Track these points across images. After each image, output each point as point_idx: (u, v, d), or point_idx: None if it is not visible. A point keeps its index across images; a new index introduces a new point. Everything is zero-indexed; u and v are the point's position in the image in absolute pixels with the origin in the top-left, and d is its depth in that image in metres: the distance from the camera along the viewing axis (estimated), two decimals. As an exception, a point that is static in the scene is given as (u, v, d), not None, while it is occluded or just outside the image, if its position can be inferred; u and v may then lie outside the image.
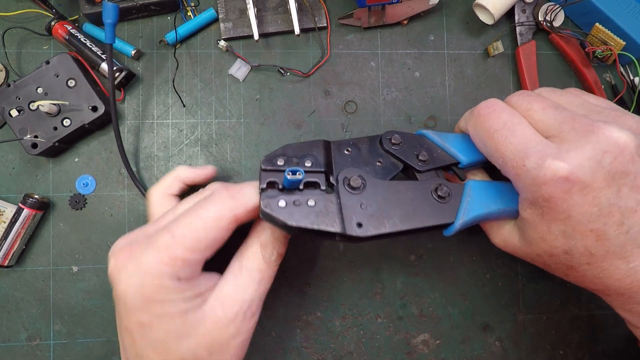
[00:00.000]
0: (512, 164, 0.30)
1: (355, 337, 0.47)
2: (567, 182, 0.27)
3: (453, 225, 0.32)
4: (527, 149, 0.29)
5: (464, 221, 0.32)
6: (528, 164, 0.28)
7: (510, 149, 0.30)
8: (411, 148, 0.34)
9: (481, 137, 0.33)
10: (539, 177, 0.28)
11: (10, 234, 0.42)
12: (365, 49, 0.48)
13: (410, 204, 0.31)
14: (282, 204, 0.29)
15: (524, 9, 0.48)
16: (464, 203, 0.32)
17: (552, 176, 0.27)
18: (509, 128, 0.30)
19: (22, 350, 0.44)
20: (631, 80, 0.49)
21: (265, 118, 0.47)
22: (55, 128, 0.42)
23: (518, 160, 0.29)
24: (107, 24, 0.39)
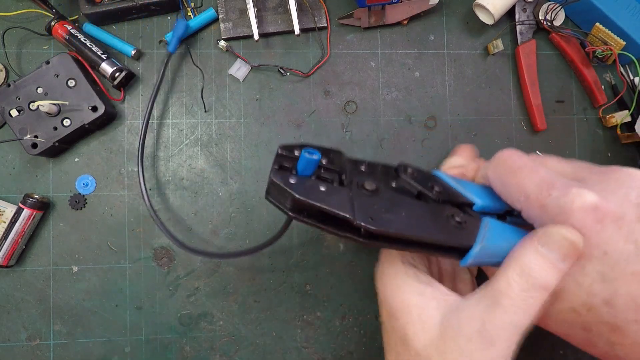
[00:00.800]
0: (536, 196, 0.28)
1: (356, 337, 0.47)
2: (597, 210, 0.25)
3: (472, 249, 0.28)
4: (552, 182, 0.28)
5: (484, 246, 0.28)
6: (554, 193, 0.27)
7: (534, 182, 0.28)
8: (425, 180, 0.33)
9: (502, 176, 0.31)
10: (566, 205, 0.26)
11: (11, 234, 0.42)
12: (365, 49, 0.48)
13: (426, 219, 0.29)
14: (293, 180, 0.27)
15: (525, 8, 0.48)
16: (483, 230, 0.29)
17: (581, 204, 0.25)
18: (532, 167, 0.29)
19: (22, 350, 0.44)
20: (631, 80, 0.49)
21: (265, 118, 0.47)
22: (55, 128, 0.42)
23: (543, 191, 0.27)
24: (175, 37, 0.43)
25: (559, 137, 0.50)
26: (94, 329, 0.44)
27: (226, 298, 0.46)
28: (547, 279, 0.26)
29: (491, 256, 0.29)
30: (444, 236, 0.28)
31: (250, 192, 0.46)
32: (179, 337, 0.45)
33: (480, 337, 0.27)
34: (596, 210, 0.25)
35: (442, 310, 0.29)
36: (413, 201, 0.30)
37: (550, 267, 0.26)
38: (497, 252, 0.29)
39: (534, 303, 0.26)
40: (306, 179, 0.28)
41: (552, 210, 0.27)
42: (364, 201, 0.28)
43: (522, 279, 0.26)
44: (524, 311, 0.26)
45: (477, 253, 0.28)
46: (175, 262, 0.45)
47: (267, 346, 0.46)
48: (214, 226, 0.46)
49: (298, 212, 0.27)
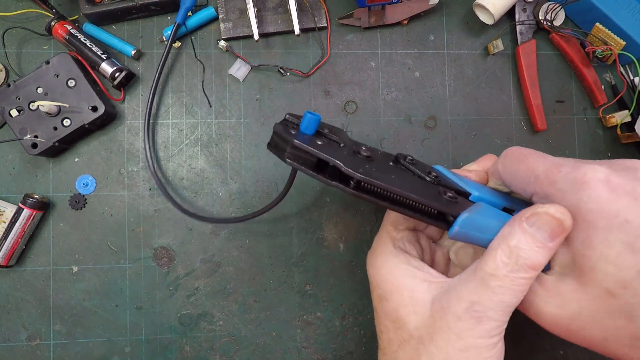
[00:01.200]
0: (546, 174, 0.27)
1: (356, 337, 0.47)
2: (609, 183, 0.25)
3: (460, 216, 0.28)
4: (561, 162, 0.28)
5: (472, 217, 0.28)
6: (564, 169, 0.27)
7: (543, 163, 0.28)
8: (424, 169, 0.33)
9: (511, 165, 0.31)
10: (577, 178, 0.25)
11: (11, 234, 0.42)
12: (365, 49, 0.48)
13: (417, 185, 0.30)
14: (294, 132, 0.29)
15: (525, 8, 0.48)
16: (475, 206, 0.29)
17: (592, 176, 0.25)
18: (539, 154, 0.30)
19: (22, 350, 0.44)
20: (631, 80, 0.49)
21: (265, 118, 0.47)
22: (55, 128, 0.42)
23: (553, 169, 0.27)
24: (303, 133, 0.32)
25: (559, 137, 0.50)
26: (94, 329, 0.44)
27: (226, 298, 0.46)
28: (536, 259, 0.26)
29: (479, 230, 0.28)
30: (433, 201, 0.28)
31: (250, 192, 0.46)
32: (179, 337, 0.45)
33: (469, 316, 0.27)
34: (608, 183, 0.25)
35: (432, 292, 0.29)
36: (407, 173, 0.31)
37: (538, 247, 0.26)
38: (486, 226, 0.28)
39: (522, 283, 0.26)
40: (306, 135, 0.29)
41: (563, 185, 0.26)
42: (357, 159, 0.29)
43: (510, 260, 0.26)
44: (512, 292, 0.26)
45: (464, 221, 0.28)
46: (175, 262, 0.45)
47: (267, 346, 0.46)
48: (213, 226, 0.46)
49: (294, 158, 0.28)
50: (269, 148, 0.31)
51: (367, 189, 0.28)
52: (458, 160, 0.48)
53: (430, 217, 0.29)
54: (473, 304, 0.27)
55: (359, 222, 0.47)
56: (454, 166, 0.48)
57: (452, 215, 0.29)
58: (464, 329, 0.27)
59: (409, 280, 0.30)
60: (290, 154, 0.28)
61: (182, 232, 0.46)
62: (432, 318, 0.29)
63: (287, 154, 0.28)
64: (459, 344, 0.27)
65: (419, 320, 0.29)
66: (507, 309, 0.27)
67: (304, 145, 0.28)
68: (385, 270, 0.32)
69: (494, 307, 0.27)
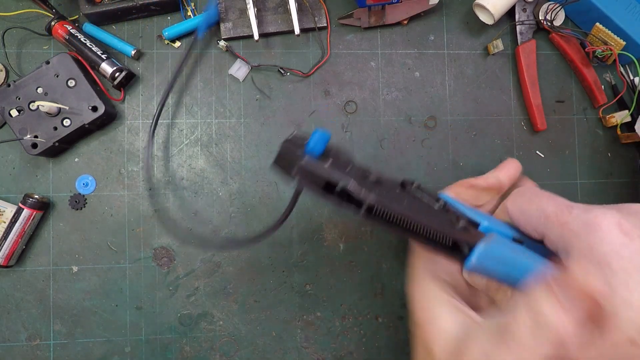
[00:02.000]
0: (557, 215, 0.27)
1: (356, 337, 0.47)
2: (621, 226, 0.24)
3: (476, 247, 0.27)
4: (572, 204, 0.27)
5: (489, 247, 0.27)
6: (575, 211, 0.26)
7: (554, 203, 0.28)
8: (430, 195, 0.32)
9: (522, 204, 0.31)
10: (589, 220, 0.25)
11: (11, 234, 0.42)
12: (365, 49, 0.48)
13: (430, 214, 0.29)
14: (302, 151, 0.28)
15: (525, 8, 0.48)
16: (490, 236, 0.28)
17: (603, 219, 0.24)
18: (550, 194, 0.29)
19: (22, 350, 0.44)
20: (631, 80, 0.49)
21: (265, 118, 0.47)
22: (55, 128, 0.42)
23: (564, 210, 0.27)
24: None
25: (559, 137, 0.50)
26: (94, 329, 0.44)
27: (226, 298, 0.46)
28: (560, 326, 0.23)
29: (498, 263, 0.27)
30: (447, 230, 0.27)
31: (250, 192, 0.46)
32: (179, 337, 0.45)
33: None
34: (621, 225, 0.24)
35: (459, 327, 0.29)
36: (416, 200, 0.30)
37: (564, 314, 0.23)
38: (504, 260, 0.27)
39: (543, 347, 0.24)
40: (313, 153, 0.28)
41: (574, 227, 0.25)
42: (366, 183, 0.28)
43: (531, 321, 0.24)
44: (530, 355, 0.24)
45: (482, 253, 0.27)
46: (175, 262, 0.45)
47: (267, 346, 0.46)
48: (214, 226, 0.46)
49: (302, 178, 0.27)
50: (273, 166, 0.29)
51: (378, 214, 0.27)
52: (458, 160, 0.48)
53: (443, 247, 0.28)
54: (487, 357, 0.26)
55: (359, 222, 0.47)
56: (453, 166, 0.48)
57: (467, 245, 0.27)
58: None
59: (442, 312, 0.30)
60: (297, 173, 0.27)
61: (182, 232, 0.46)
62: (454, 355, 0.28)
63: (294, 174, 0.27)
64: None
65: (445, 353, 0.29)
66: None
67: (313, 166, 0.27)
68: (420, 297, 0.32)
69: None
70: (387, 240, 0.47)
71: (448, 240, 0.27)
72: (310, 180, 0.27)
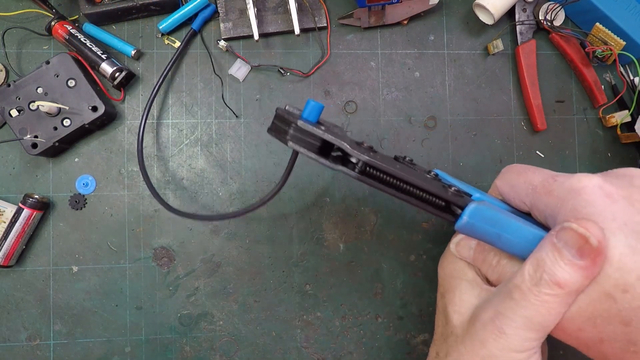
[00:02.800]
0: (543, 184, 0.28)
1: (355, 337, 0.47)
2: (603, 189, 0.25)
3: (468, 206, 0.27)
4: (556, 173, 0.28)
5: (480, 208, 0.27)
6: (559, 179, 0.27)
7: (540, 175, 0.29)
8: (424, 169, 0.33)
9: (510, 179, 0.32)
10: (573, 185, 0.26)
11: (11, 234, 0.42)
12: (365, 49, 0.48)
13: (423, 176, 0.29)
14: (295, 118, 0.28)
15: (525, 8, 0.48)
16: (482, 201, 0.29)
17: (587, 182, 0.25)
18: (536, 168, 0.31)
19: (22, 350, 0.44)
20: (631, 80, 0.49)
21: (265, 118, 0.47)
22: (55, 128, 0.42)
23: (549, 179, 0.28)
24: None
25: (559, 137, 0.50)
26: (94, 329, 0.44)
27: (226, 298, 0.46)
28: (561, 276, 0.24)
29: (489, 222, 0.28)
30: (440, 191, 0.28)
31: (250, 192, 0.46)
32: (179, 337, 0.45)
33: (492, 326, 0.27)
34: (603, 188, 0.25)
35: (479, 297, 0.30)
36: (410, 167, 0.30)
37: (565, 264, 0.25)
38: (496, 219, 0.28)
39: (547, 300, 0.25)
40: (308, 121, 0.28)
41: (560, 193, 0.26)
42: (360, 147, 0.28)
43: (535, 274, 0.25)
44: (535, 307, 0.25)
45: (473, 210, 0.27)
46: (175, 262, 0.45)
47: (267, 346, 0.46)
48: (214, 226, 0.46)
49: (297, 141, 0.27)
50: (269, 132, 0.30)
51: (371, 175, 0.27)
52: (458, 160, 0.48)
53: (435, 207, 0.28)
54: (497, 314, 0.27)
55: (359, 222, 0.47)
56: (453, 166, 0.48)
57: (459, 206, 0.28)
58: (487, 338, 0.27)
59: (464, 283, 0.32)
60: (293, 136, 0.27)
61: (182, 232, 0.46)
62: (469, 322, 0.30)
63: (289, 135, 0.27)
64: (482, 352, 0.28)
65: (460, 319, 0.31)
66: (532, 325, 0.26)
67: (309, 126, 0.27)
68: (448, 271, 0.34)
69: (517, 320, 0.26)
70: (387, 240, 0.47)
71: (441, 200, 0.28)
72: (306, 143, 0.27)
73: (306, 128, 0.27)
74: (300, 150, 0.27)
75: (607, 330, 0.25)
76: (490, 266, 0.31)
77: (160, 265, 0.45)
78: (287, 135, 0.28)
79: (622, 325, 0.24)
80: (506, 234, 0.27)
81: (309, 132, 0.27)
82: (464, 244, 0.33)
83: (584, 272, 0.24)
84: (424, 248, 0.47)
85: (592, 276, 0.24)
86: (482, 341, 0.28)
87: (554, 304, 0.25)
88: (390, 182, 0.28)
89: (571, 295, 0.25)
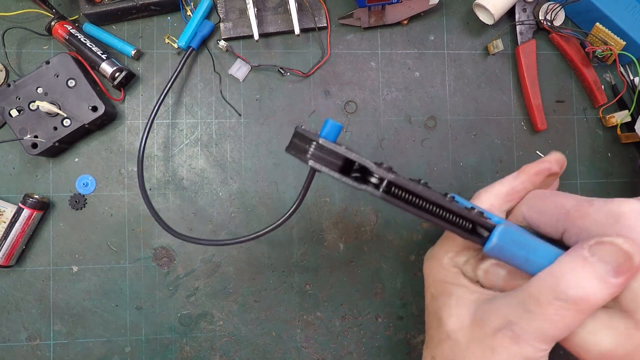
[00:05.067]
0: (578, 208, 0.27)
1: (355, 337, 0.47)
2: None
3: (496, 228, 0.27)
4: (590, 199, 0.27)
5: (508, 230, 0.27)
6: (596, 203, 0.26)
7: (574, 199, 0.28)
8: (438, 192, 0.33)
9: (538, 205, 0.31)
10: (613, 210, 0.25)
11: (11, 234, 0.42)
12: (365, 49, 0.48)
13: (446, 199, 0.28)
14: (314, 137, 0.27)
15: (525, 8, 0.48)
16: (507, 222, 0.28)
17: (627, 207, 0.24)
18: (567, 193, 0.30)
19: (22, 350, 0.44)
20: (631, 80, 0.49)
21: (265, 118, 0.47)
22: (55, 128, 0.42)
23: (584, 203, 0.27)
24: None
25: (559, 137, 0.50)
26: (94, 329, 0.44)
27: (226, 298, 0.46)
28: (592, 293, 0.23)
29: (518, 245, 0.27)
30: (464, 212, 0.27)
31: (250, 192, 0.46)
32: (179, 337, 0.45)
33: (504, 335, 0.26)
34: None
35: (477, 301, 0.29)
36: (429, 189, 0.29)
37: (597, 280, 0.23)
38: (525, 242, 0.27)
39: (567, 316, 0.24)
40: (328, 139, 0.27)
41: (598, 217, 0.25)
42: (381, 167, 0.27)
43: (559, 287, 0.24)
44: (553, 322, 0.24)
45: (502, 232, 0.26)
46: (175, 262, 0.45)
47: (267, 346, 0.46)
48: (214, 226, 0.46)
49: (318, 159, 0.26)
50: (287, 151, 0.28)
51: (395, 195, 0.26)
52: (458, 160, 0.48)
53: (462, 229, 0.27)
54: (510, 324, 0.26)
55: (359, 222, 0.47)
56: (453, 166, 0.48)
57: (486, 227, 0.27)
58: (498, 346, 0.27)
59: (460, 288, 0.31)
60: (313, 154, 0.26)
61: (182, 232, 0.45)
62: (472, 326, 0.29)
63: (310, 154, 0.26)
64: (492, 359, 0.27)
65: (459, 324, 0.30)
66: (546, 337, 0.25)
67: (331, 144, 0.26)
68: (440, 276, 0.33)
69: (531, 332, 0.25)
70: (387, 240, 0.47)
71: (467, 222, 0.27)
72: (327, 162, 0.26)
73: (328, 146, 0.26)
74: (322, 169, 0.26)
75: None
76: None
77: (160, 265, 0.45)
78: (307, 154, 0.26)
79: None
80: (534, 257, 0.27)
81: (330, 149, 0.26)
82: (493, 272, 0.31)
83: (615, 290, 0.24)
84: (424, 248, 0.47)
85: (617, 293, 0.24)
86: (493, 349, 0.27)
87: (572, 318, 0.24)
88: (414, 203, 0.27)
89: (592, 310, 0.24)
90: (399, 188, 0.26)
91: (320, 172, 0.27)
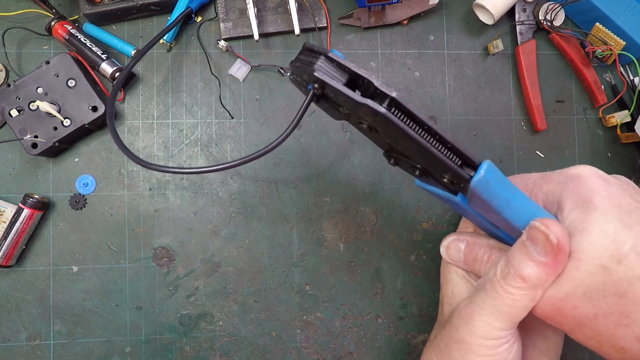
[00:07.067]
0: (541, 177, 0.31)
1: (355, 338, 0.47)
2: (599, 174, 0.28)
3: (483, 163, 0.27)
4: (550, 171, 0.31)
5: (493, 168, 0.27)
6: (556, 171, 0.30)
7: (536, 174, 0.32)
8: None
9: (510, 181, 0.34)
10: (571, 171, 0.29)
11: (11, 234, 0.42)
12: (365, 49, 0.48)
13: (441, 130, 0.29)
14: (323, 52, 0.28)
15: (525, 8, 0.48)
16: None
17: (584, 169, 0.28)
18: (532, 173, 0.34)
19: (22, 350, 0.44)
20: (631, 80, 0.49)
21: (265, 118, 0.47)
22: (55, 128, 0.42)
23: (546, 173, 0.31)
24: None
25: (559, 137, 0.50)
26: (94, 329, 0.44)
27: (226, 298, 0.46)
28: (525, 271, 0.27)
29: (501, 184, 0.28)
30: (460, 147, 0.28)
31: (250, 192, 0.46)
32: (179, 337, 0.45)
33: (464, 313, 0.31)
34: (598, 174, 0.28)
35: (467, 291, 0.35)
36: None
37: (530, 260, 0.27)
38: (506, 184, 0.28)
39: (513, 292, 0.27)
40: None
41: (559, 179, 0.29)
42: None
43: (505, 268, 0.28)
44: (502, 298, 0.28)
45: (489, 167, 0.27)
46: (175, 262, 0.45)
47: (267, 346, 0.46)
48: (213, 226, 0.46)
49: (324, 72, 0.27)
50: (291, 65, 0.29)
51: (398, 111, 0.27)
52: (458, 160, 0.48)
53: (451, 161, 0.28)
54: (470, 303, 0.30)
55: (359, 222, 0.47)
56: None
57: (473, 163, 0.28)
58: (459, 324, 0.31)
59: (455, 277, 0.36)
60: (320, 66, 0.27)
61: (182, 232, 0.46)
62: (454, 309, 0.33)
63: (317, 65, 0.27)
64: (455, 336, 0.31)
65: (449, 310, 0.35)
66: (499, 314, 0.28)
67: (339, 58, 0.27)
68: (443, 264, 0.37)
69: (485, 309, 0.29)
70: (387, 240, 0.47)
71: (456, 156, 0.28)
72: (333, 74, 0.27)
73: (337, 59, 0.27)
74: (327, 80, 0.27)
75: (601, 304, 0.26)
76: (481, 263, 0.33)
77: (160, 265, 0.45)
78: (314, 65, 0.28)
79: (616, 297, 0.25)
80: (515, 200, 0.28)
81: (339, 63, 0.27)
82: (454, 247, 0.35)
83: (546, 268, 0.26)
84: (424, 248, 0.47)
85: (554, 272, 0.27)
86: (456, 327, 0.31)
87: (519, 296, 0.27)
88: (413, 125, 0.28)
89: (536, 289, 0.27)
90: (400, 110, 0.27)
91: (324, 84, 0.27)
